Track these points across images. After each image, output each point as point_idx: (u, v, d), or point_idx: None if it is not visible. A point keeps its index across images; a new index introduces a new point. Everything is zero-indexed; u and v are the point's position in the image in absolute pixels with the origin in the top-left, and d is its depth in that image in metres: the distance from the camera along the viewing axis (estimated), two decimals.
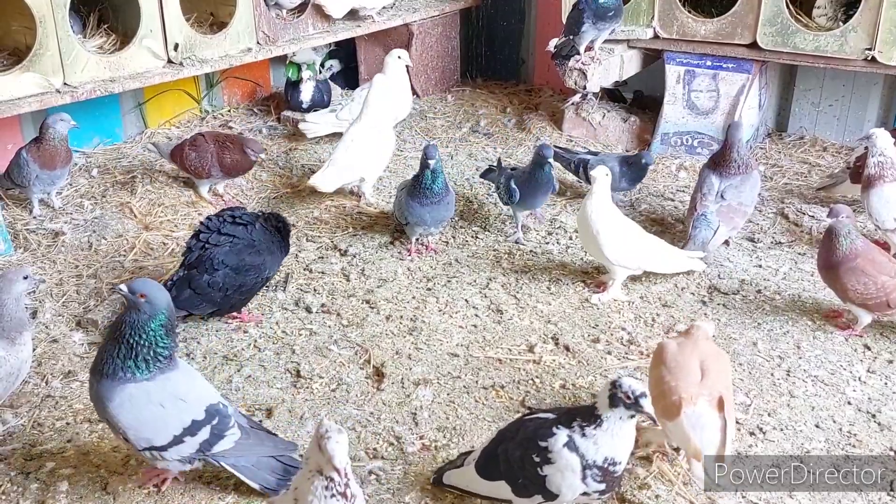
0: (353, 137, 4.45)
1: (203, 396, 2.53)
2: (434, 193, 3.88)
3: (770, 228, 4.29)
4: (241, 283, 3.39)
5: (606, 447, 2.27)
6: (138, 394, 2.43)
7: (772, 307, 3.65)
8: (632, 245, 3.65)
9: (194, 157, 4.36)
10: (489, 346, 3.40)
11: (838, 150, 5.23)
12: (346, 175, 4.43)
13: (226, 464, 2.56)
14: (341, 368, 3.25)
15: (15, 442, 2.85)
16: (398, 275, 3.91)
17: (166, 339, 2.48)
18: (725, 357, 2.84)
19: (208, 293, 3.35)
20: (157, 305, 2.47)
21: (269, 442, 2.63)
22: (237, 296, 3.42)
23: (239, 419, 2.58)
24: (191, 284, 3.36)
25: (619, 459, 2.29)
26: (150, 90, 5.09)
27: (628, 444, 2.32)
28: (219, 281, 3.35)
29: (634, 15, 5.12)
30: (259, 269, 3.42)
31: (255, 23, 4.93)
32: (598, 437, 2.27)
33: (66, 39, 4.10)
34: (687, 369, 2.62)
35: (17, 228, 4.14)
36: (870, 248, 3.39)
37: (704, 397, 2.55)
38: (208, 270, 3.36)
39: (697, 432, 2.51)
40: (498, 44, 6.55)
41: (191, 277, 3.37)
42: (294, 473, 2.56)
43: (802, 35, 4.73)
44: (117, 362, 2.43)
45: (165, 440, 2.45)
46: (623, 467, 2.33)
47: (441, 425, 2.95)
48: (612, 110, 5.46)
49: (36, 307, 3.54)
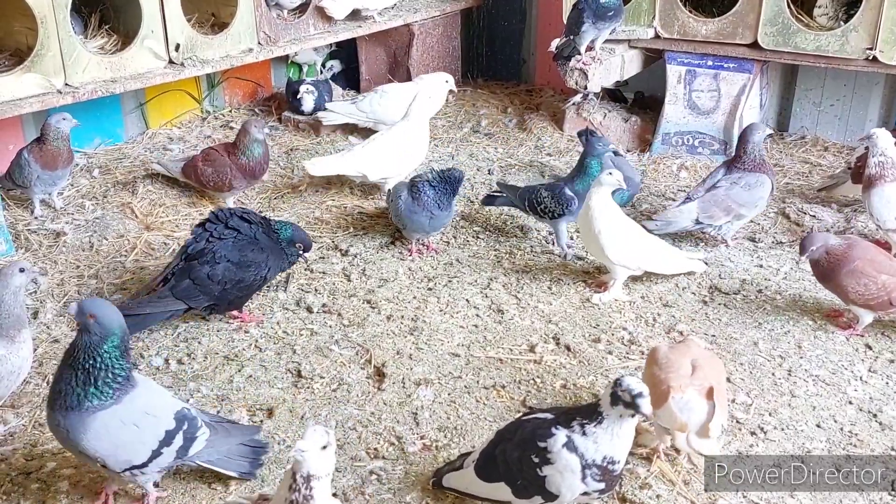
0: (380, 138, 4.52)
1: (168, 405, 2.51)
2: (438, 206, 3.92)
3: (771, 228, 4.29)
4: (241, 279, 3.39)
5: (605, 446, 2.27)
6: (110, 420, 2.36)
7: (773, 307, 3.65)
8: (633, 245, 3.64)
9: (211, 172, 4.31)
10: (490, 346, 3.40)
11: (839, 149, 5.23)
12: (342, 167, 4.45)
13: (201, 462, 2.57)
14: (342, 368, 3.25)
15: (16, 442, 2.85)
16: (399, 275, 3.91)
17: (121, 361, 2.39)
18: (719, 361, 2.91)
19: (207, 285, 3.35)
20: (108, 326, 2.37)
21: (235, 431, 2.67)
22: (235, 291, 3.42)
23: (203, 417, 2.60)
24: (190, 275, 3.36)
25: (618, 458, 2.29)
26: (151, 91, 5.09)
27: (627, 443, 2.32)
28: (218, 273, 3.35)
29: (635, 15, 5.12)
30: (259, 267, 3.42)
31: (257, 23, 4.93)
32: (598, 435, 2.27)
33: (68, 40, 4.10)
34: (678, 365, 2.69)
35: (19, 229, 4.14)
36: (866, 249, 3.39)
37: (694, 387, 2.62)
38: (210, 262, 3.36)
39: (685, 413, 2.58)
40: (499, 44, 6.56)
41: (191, 268, 3.38)
42: (262, 454, 2.67)
43: (803, 35, 4.72)
44: (78, 391, 2.34)
45: (145, 457, 2.42)
46: (622, 466, 2.33)
47: (442, 425, 2.95)
48: (613, 110, 5.45)
49: (37, 307, 3.55)
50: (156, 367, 3.25)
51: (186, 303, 3.39)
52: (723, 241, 4.08)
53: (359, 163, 4.45)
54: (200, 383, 3.15)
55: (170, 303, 3.37)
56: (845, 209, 4.43)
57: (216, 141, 5.18)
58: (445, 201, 3.94)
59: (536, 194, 4.02)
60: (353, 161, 4.46)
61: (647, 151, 5.21)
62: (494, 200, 4.30)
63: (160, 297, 3.37)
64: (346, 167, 4.47)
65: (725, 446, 2.83)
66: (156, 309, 3.37)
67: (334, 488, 2.65)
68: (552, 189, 4.01)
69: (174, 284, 3.37)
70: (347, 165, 4.46)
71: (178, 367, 3.25)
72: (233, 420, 2.76)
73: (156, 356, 3.30)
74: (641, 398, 2.22)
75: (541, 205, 4.00)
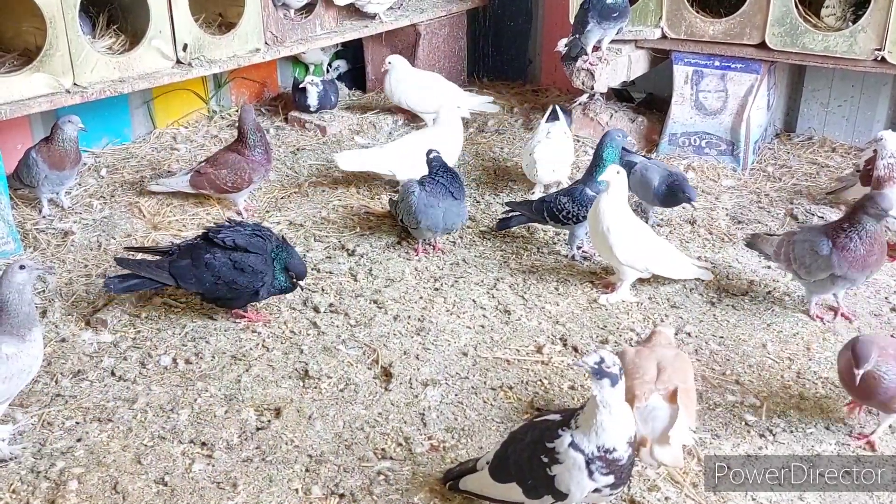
0: (412, 138, 4.63)
1: None
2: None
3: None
4: (233, 280, 3.39)
5: (594, 435, 2.27)
6: None
7: (781, 308, 3.64)
8: (642, 246, 3.63)
9: (227, 173, 4.29)
10: (497, 346, 3.40)
11: (847, 150, 5.22)
12: (372, 163, 4.51)
13: None
14: (349, 368, 3.25)
15: (25, 441, 2.86)
16: (406, 275, 3.91)
17: None
18: (685, 356, 2.91)
19: (202, 271, 3.38)
20: None
21: None
22: (225, 290, 3.42)
23: None
24: (192, 254, 3.40)
25: (612, 446, 2.27)
26: (158, 90, 5.10)
27: (621, 429, 2.28)
28: (216, 265, 3.37)
29: (642, 15, 5.11)
30: (255, 277, 3.40)
31: (264, 23, 4.94)
32: (584, 427, 2.28)
33: (76, 40, 4.11)
34: (643, 370, 2.71)
35: (27, 228, 4.15)
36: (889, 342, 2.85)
37: (658, 392, 2.63)
38: (213, 251, 3.39)
39: (648, 424, 2.59)
40: (505, 44, 6.55)
41: (197, 247, 3.42)
42: None
43: (811, 35, 4.71)
44: None
45: None
46: (626, 454, 2.29)
47: (449, 426, 2.95)
48: (620, 110, 5.45)
49: (45, 306, 3.56)
50: (164, 366, 3.25)
51: (177, 281, 3.42)
52: None
53: (390, 160, 4.49)
54: (208, 383, 3.16)
55: (163, 275, 3.41)
56: None
57: (223, 140, 5.19)
58: (458, 190, 3.98)
59: (556, 202, 3.95)
60: (383, 158, 4.50)
61: (653, 152, 5.20)
62: (509, 223, 4.16)
63: (158, 266, 3.42)
64: (376, 164, 4.51)
65: (734, 448, 2.83)
66: (149, 275, 3.42)
67: (341, 489, 2.66)
68: (571, 193, 3.94)
69: (174, 259, 3.40)
70: (378, 162, 4.51)
71: (186, 367, 3.25)
72: None
73: (164, 356, 3.30)
74: (605, 364, 2.24)
75: (562, 212, 3.92)
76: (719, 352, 3.36)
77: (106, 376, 3.20)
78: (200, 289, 3.43)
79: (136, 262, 3.49)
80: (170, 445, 2.85)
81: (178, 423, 2.95)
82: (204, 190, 4.40)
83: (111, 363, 3.26)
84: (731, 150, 5.05)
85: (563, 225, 4.01)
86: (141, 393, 3.10)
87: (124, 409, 3.02)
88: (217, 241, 3.40)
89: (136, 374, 3.20)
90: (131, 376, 3.19)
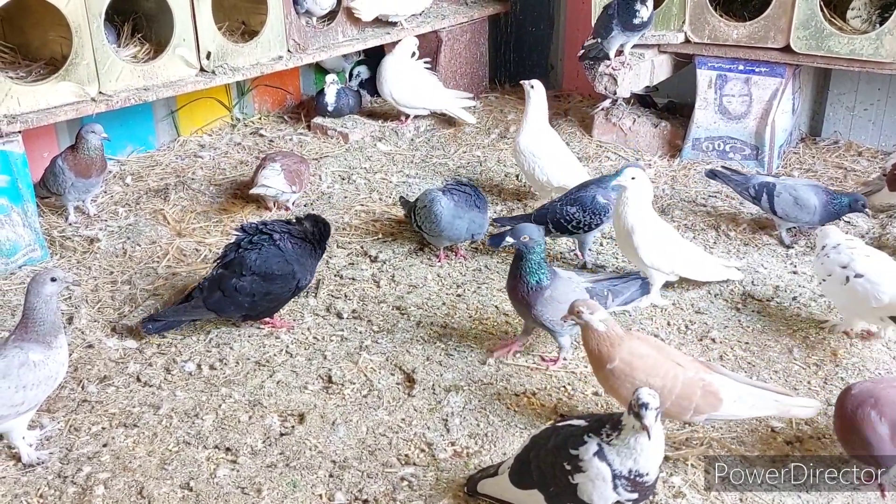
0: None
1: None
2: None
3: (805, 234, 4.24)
4: (268, 291, 3.42)
5: (629, 460, 2.24)
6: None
7: (807, 314, 3.60)
8: (667, 248, 3.58)
9: (295, 168, 4.46)
10: (520, 352, 3.38)
11: (874, 154, 5.16)
12: None
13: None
14: (372, 374, 3.25)
15: (52, 446, 2.89)
16: (428, 281, 3.91)
17: None
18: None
19: (236, 297, 3.39)
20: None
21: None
22: (265, 303, 3.45)
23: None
24: (220, 286, 3.40)
25: (645, 471, 2.26)
26: (182, 98, 5.15)
27: (653, 456, 2.27)
28: (246, 286, 3.38)
29: (665, 19, 5.09)
30: (286, 279, 3.43)
31: (286, 31, 4.97)
32: (620, 448, 2.24)
33: (102, 49, 4.16)
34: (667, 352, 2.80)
35: (53, 235, 4.20)
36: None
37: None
38: (237, 275, 3.39)
39: None
40: (527, 49, 6.55)
41: (222, 279, 3.42)
42: None
43: (837, 38, 4.66)
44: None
45: None
46: (654, 476, 2.29)
47: (473, 432, 2.94)
48: (643, 115, 5.42)
49: (72, 313, 3.59)
50: (188, 372, 3.27)
51: (219, 314, 3.44)
52: None
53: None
54: (232, 388, 3.17)
55: (203, 313, 3.44)
56: (880, 215, 4.36)
57: (246, 148, 5.24)
58: (481, 200, 4.00)
59: (562, 213, 3.86)
60: None
61: (676, 157, 5.17)
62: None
63: (194, 307, 3.43)
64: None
65: (761, 455, 2.79)
66: (191, 317, 3.46)
67: (365, 495, 2.66)
68: (580, 202, 3.85)
69: (207, 296, 3.40)
70: None
71: (210, 373, 3.27)
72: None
73: (188, 362, 3.32)
74: (646, 410, 2.17)
75: (571, 222, 3.85)
76: (744, 357, 3.32)
77: (131, 382, 3.22)
78: (243, 312, 3.45)
79: (170, 311, 3.47)
80: (194, 451, 2.86)
81: (202, 428, 2.96)
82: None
83: (137, 369, 3.29)
84: (755, 154, 5.01)
85: (570, 234, 3.95)
86: (166, 398, 3.12)
87: (149, 414, 3.04)
88: (236, 272, 3.41)
89: (161, 380, 3.23)
90: (156, 382, 3.21)
